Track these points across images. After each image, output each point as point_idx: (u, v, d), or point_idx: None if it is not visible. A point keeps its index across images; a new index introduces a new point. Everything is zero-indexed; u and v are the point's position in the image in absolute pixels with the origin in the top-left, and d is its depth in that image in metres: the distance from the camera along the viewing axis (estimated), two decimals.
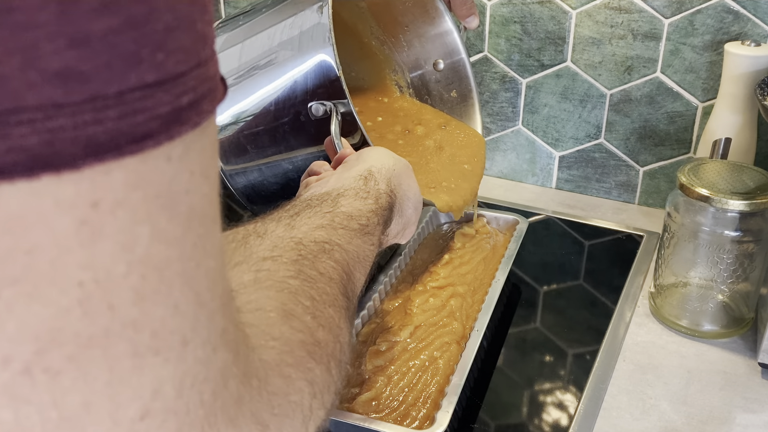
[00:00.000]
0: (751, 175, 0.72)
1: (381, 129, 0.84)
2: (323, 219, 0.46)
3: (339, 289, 0.41)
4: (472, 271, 0.77)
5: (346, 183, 0.53)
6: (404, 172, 0.60)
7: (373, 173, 0.56)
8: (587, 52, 0.97)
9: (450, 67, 0.88)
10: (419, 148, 0.81)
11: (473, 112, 0.88)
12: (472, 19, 0.84)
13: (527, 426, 0.64)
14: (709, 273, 0.73)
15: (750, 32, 0.87)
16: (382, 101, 0.89)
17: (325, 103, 0.65)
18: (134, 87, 0.21)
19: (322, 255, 0.42)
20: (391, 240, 0.59)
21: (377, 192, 0.54)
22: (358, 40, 0.88)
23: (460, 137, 0.84)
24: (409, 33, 0.88)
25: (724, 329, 0.74)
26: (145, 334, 0.23)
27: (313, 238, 0.43)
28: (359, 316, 0.69)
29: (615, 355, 0.72)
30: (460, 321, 0.69)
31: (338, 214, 0.48)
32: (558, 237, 0.96)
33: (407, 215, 0.59)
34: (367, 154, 0.60)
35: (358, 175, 0.55)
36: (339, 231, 0.46)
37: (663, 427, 0.63)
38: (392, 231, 0.58)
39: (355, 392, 0.61)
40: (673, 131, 0.96)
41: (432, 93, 0.90)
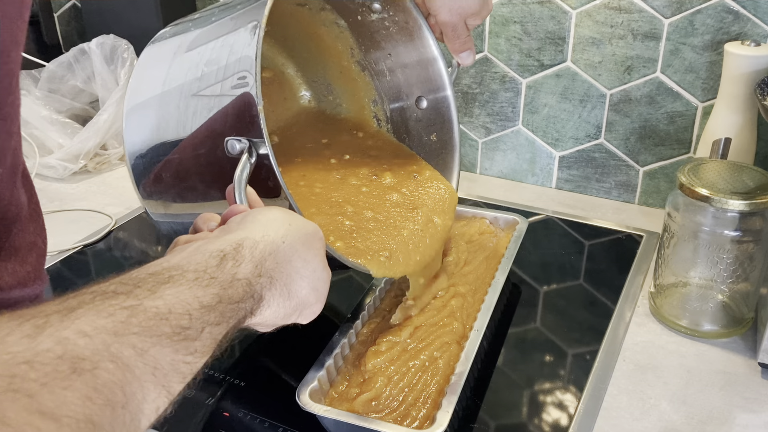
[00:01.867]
0: (751, 175, 0.72)
1: (346, 169, 0.76)
2: (109, 319, 0.33)
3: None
4: (473, 271, 0.77)
5: (194, 260, 0.41)
6: (301, 245, 0.48)
7: (242, 249, 0.43)
8: (587, 52, 0.97)
9: (433, 106, 0.80)
10: (380, 201, 0.73)
11: (451, 161, 0.79)
12: (467, 54, 0.76)
13: (527, 426, 0.64)
14: (709, 273, 0.73)
15: (750, 32, 0.87)
16: (357, 135, 0.82)
17: (242, 140, 0.53)
18: None
19: (68, 378, 0.29)
20: (280, 323, 0.48)
21: (230, 278, 0.41)
22: (337, 61, 0.82)
23: (429, 191, 0.75)
24: (392, 61, 0.80)
25: (724, 329, 0.74)
26: None
27: (66, 350, 0.30)
28: (359, 317, 0.69)
29: (615, 355, 0.72)
30: (461, 321, 0.69)
31: (142, 311, 0.34)
32: (558, 237, 0.96)
33: (300, 297, 0.47)
34: (254, 217, 0.48)
35: (217, 251, 0.42)
36: (129, 338, 0.33)
37: (663, 427, 0.63)
38: (275, 315, 0.46)
39: (356, 392, 0.61)
40: (673, 131, 0.96)
41: (411, 132, 0.82)
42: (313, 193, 0.71)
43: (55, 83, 1.17)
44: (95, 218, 1.01)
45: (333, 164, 0.76)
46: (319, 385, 0.61)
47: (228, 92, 0.57)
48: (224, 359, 0.71)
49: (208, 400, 0.66)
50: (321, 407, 0.58)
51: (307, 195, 0.70)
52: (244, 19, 0.59)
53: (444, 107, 0.79)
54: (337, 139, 0.80)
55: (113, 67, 1.14)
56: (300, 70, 0.84)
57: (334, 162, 0.76)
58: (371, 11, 0.76)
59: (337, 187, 0.73)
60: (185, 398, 0.65)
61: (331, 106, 0.85)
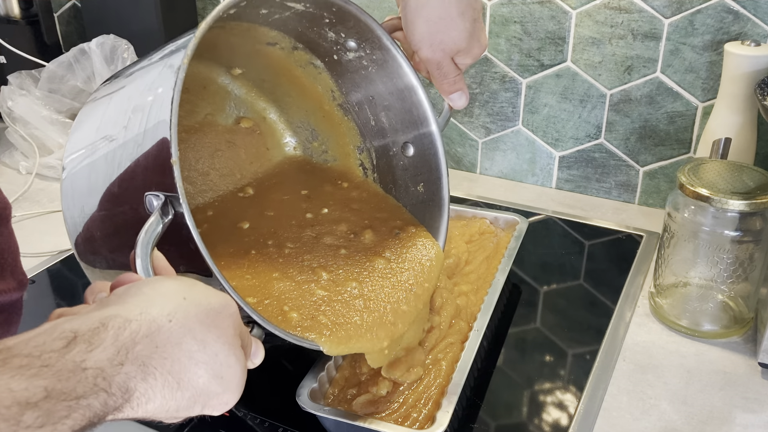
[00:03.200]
0: (751, 175, 0.72)
1: (322, 225, 0.70)
2: None
3: None
4: (474, 271, 0.77)
5: (34, 341, 0.33)
6: (196, 323, 0.40)
7: (103, 330, 0.35)
8: (587, 52, 0.97)
9: (419, 152, 0.73)
10: (359, 267, 0.65)
11: (439, 215, 0.71)
12: (458, 96, 0.69)
13: (527, 426, 0.64)
14: (709, 273, 0.73)
15: (750, 32, 0.87)
16: (341, 186, 0.76)
17: (159, 195, 0.48)
18: None
19: None
20: (183, 415, 0.40)
21: (71, 367, 0.33)
22: (318, 104, 0.76)
23: (412, 252, 0.68)
24: (375, 104, 0.73)
25: (724, 329, 0.74)
26: None
27: None
28: None
29: (615, 355, 0.72)
30: (466, 320, 0.69)
31: None
32: (558, 237, 0.96)
33: (197, 386, 0.39)
34: (138, 289, 0.40)
35: (69, 330, 0.34)
36: None
37: (663, 427, 0.63)
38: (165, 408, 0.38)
39: (353, 393, 0.61)
40: (673, 131, 0.96)
41: (398, 182, 0.75)
42: (281, 255, 0.65)
43: (55, 83, 1.17)
44: None
45: (308, 219, 0.70)
46: (319, 385, 0.61)
47: (147, 143, 0.51)
48: None
49: None
50: (321, 407, 0.58)
51: (273, 256, 0.64)
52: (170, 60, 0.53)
53: (430, 153, 0.72)
54: (318, 190, 0.74)
55: (113, 67, 1.14)
56: (282, 115, 0.78)
57: (310, 217, 0.70)
58: (347, 49, 0.70)
59: (311, 248, 0.66)
60: None
61: (317, 153, 0.79)
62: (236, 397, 0.42)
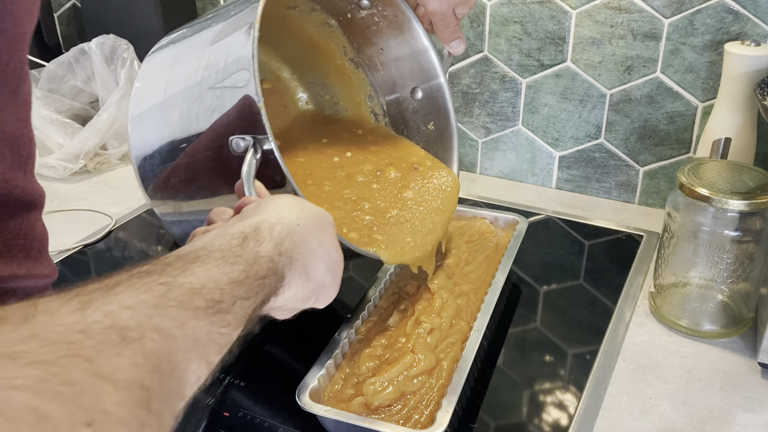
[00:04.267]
0: (751, 175, 0.72)
1: (350, 167, 0.77)
2: (148, 294, 0.35)
3: (129, 396, 0.30)
4: (475, 270, 0.77)
5: (217, 242, 0.43)
6: (315, 227, 0.50)
7: (260, 230, 0.46)
8: (587, 52, 0.97)
9: (428, 95, 0.81)
10: (392, 195, 0.74)
11: (450, 148, 0.81)
12: (457, 43, 0.77)
13: (527, 426, 0.64)
14: (709, 273, 0.73)
15: (750, 32, 0.87)
16: (356, 133, 0.83)
17: (246, 137, 0.56)
18: None
19: (119, 346, 0.31)
20: (300, 306, 0.50)
21: (253, 256, 0.43)
22: (331, 60, 0.83)
23: (432, 181, 0.77)
24: (385, 55, 0.81)
25: (724, 329, 0.74)
26: None
27: (113, 322, 0.32)
28: (359, 317, 0.69)
29: (615, 354, 0.72)
30: (466, 320, 0.69)
31: (177, 286, 0.37)
32: (558, 237, 0.96)
33: (317, 278, 0.49)
34: (268, 204, 0.50)
35: (237, 233, 0.45)
36: (168, 310, 0.35)
37: (663, 427, 0.63)
38: (296, 297, 0.48)
39: (351, 393, 0.61)
40: (673, 131, 0.96)
41: (409, 124, 0.83)
42: (323, 191, 0.72)
43: (55, 83, 1.17)
44: (95, 218, 1.01)
45: (336, 162, 0.77)
46: (319, 385, 0.61)
47: (228, 93, 0.58)
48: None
49: (208, 400, 0.66)
50: (321, 407, 0.58)
51: (317, 193, 0.72)
52: (239, 22, 0.60)
53: (439, 95, 0.80)
54: (337, 137, 0.81)
55: (113, 67, 1.14)
56: (295, 73, 0.85)
57: (337, 160, 0.78)
58: (360, 8, 0.77)
59: (346, 184, 0.74)
60: None
61: (328, 106, 0.86)
62: (337, 291, 0.52)
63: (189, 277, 0.38)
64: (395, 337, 0.65)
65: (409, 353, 0.62)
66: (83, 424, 0.27)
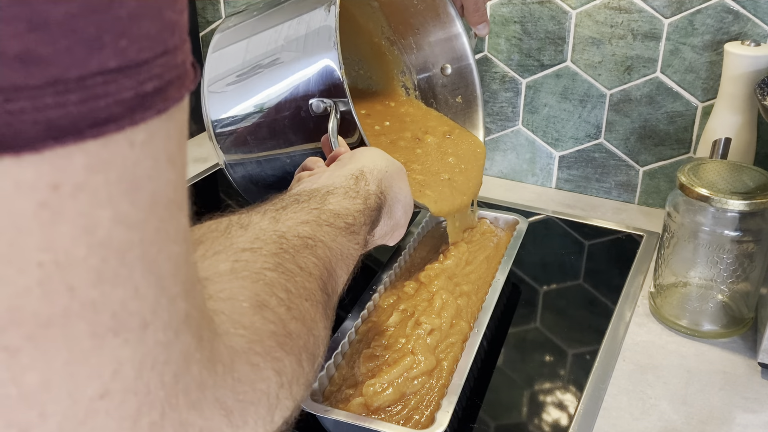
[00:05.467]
0: (751, 175, 0.72)
1: (390, 134, 0.84)
2: (309, 215, 0.46)
3: (318, 285, 0.41)
4: (475, 271, 0.77)
5: (336, 181, 0.54)
6: (396, 175, 0.60)
7: (365, 173, 0.56)
8: (587, 52, 0.97)
9: (457, 72, 0.89)
10: (435, 158, 0.83)
11: (476, 118, 0.89)
12: (483, 26, 0.85)
13: (527, 426, 0.64)
14: (709, 273, 0.73)
15: (750, 32, 0.87)
16: (389, 105, 0.90)
17: (325, 100, 0.66)
18: (96, 72, 0.21)
19: (304, 250, 0.42)
20: (378, 241, 0.60)
21: (366, 192, 0.54)
22: (368, 38, 0.90)
23: (463, 146, 0.85)
24: (419, 35, 0.89)
25: (724, 329, 0.74)
26: (105, 315, 0.23)
27: (297, 232, 0.43)
28: (359, 316, 0.69)
29: (615, 355, 0.72)
30: (466, 320, 0.69)
31: (325, 211, 0.48)
32: (558, 237, 0.96)
33: (396, 217, 0.59)
34: (361, 153, 0.60)
35: (349, 174, 0.55)
36: (324, 228, 0.46)
37: (663, 427, 0.63)
38: (380, 232, 0.58)
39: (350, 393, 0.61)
40: (673, 131, 0.96)
41: (438, 97, 0.91)
42: None
43: None
44: None
45: (378, 130, 0.84)
46: (319, 385, 0.61)
47: (310, 60, 0.68)
48: None
49: None
50: (321, 407, 0.58)
51: None
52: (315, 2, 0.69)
53: (467, 72, 0.89)
54: (373, 109, 0.88)
55: None
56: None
57: (379, 128, 0.85)
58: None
59: (392, 149, 0.80)
60: None
61: (362, 80, 0.92)
62: (404, 232, 0.63)
63: (329, 206, 0.49)
64: (395, 338, 0.65)
65: (409, 354, 0.62)
66: (303, 298, 0.38)
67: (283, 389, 0.34)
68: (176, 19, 0.24)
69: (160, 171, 0.24)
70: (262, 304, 0.35)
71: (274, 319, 0.35)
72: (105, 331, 0.23)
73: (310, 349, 0.37)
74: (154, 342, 0.25)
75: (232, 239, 0.39)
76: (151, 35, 0.22)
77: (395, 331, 0.67)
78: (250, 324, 0.33)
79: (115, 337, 0.23)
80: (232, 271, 0.36)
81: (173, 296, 0.26)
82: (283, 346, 0.35)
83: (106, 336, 0.23)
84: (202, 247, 0.37)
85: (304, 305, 0.38)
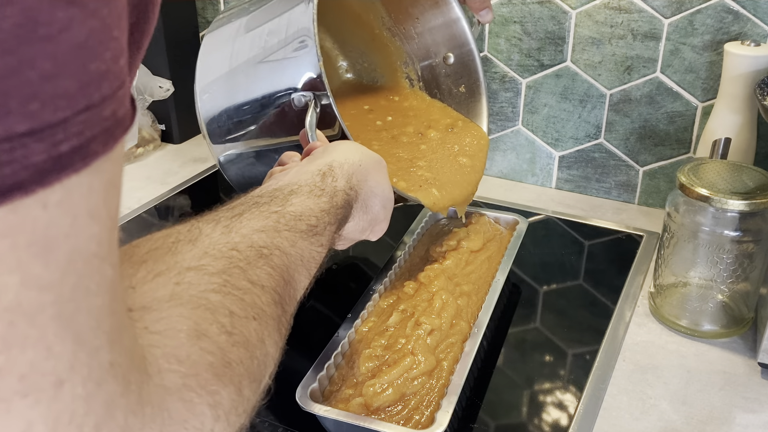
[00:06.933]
0: (750, 175, 0.72)
1: (392, 129, 0.85)
2: (267, 220, 0.44)
3: (271, 298, 0.39)
4: (476, 271, 0.77)
5: (302, 178, 0.52)
6: (372, 168, 0.59)
7: (333, 168, 0.54)
8: (587, 52, 0.97)
9: (459, 60, 0.89)
10: (438, 153, 0.83)
11: (480, 108, 0.89)
12: (486, 12, 0.84)
13: (527, 426, 0.64)
14: (708, 273, 0.73)
15: (750, 32, 0.87)
16: (393, 100, 0.91)
17: (306, 94, 0.66)
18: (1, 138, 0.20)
19: (258, 261, 0.40)
20: (357, 237, 0.59)
21: (333, 189, 0.52)
22: (369, 30, 0.90)
23: (466, 139, 0.85)
24: (420, 24, 0.89)
25: (724, 329, 0.74)
26: (11, 379, 0.22)
27: (251, 242, 0.41)
28: (359, 316, 0.69)
29: (615, 355, 0.72)
30: (466, 320, 0.69)
31: (285, 214, 0.46)
32: (558, 237, 0.96)
33: (374, 212, 0.58)
34: (334, 147, 0.59)
35: (316, 170, 0.53)
36: (283, 233, 0.44)
37: (663, 427, 0.63)
38: (355, 228, 0.57)
39: (349, 393, 0.61)
40: (673, 131, 0.96)
41: (441, 87, 0.91)
42: (372, 150, 0.78)
43: None
44: None
45: (380, 125, 0.85)
46: (319, 385, 0.61)
47: (290, 56, 0.69)
48: None
49: None
50: (321, 407, 0.58)
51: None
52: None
53: (469, 59, 0.89)
54: (377, 104, 0.89)
55: None
56: (336, 42, 0.93)
57: (380, 123, 0.85)
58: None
59: (394, 144, 0.82)
60: None
61: (366, 73, 0.94)
62: (387, 226, 0.61)
63: (291, 207, 0.47)
64: (395, 338, 0.65)
65: (409, 355, 0.62)
66: (251, 318, 0.37)
67: (219, 422, 0.33)
68: (106, 68, 0.22)
69: (80, 227, 0.23)
70: (201, 334, 0.33)
71: (212, 349, 0.33)
72: (11, 394, 0.22)
73: (253, 374, 0.36)
74: (71, 397, 0.24)
75: (178, 256, 0.37)
76: (71, 93, 0.21)
77: (395, 332, 0.67)
78: (186, 357, 0.32)
79: (22, 399, 0.23)
80: (173, 296, 0.34)
81: (95, 349, 0.25)
82: (221, 377, 0.33)
83: (13, 399, 0.22)
84: (145, 267, 0.35)
85: (250, 326, 0.36)
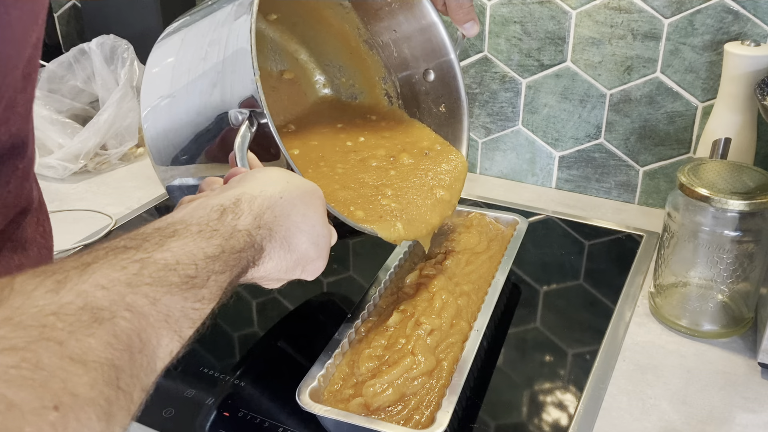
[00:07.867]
0: (750, 175, 0.72)
1: (362, 151, 0.79)
2: (122, 272, 0.35)
3: (101, 377, 0.31)
4: (476, 271, 0.77)
5: (195, 215, 0.44)
6: (299, 200, 0.50)
7: (240, 203, 0.46)
8: (587, 52, 0.97)
9: (440, 78, 0.83)
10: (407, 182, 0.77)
11: (460, 130, 0.83)
12: (471, 25, 0.78)
13: (527, 426, 0.64)
14: (708, 273, 0.73)
15: (750, 32, 0.87)
16: (370, 119, 0.85)
17: (243, 111, 0.58)
18: None
19: (88, 329, 0.31)
20: (286, 278, 0.51)
21: (231, 229, 0.43)
22: (346, 43, 0.86)
23: (442, 165, 0.80)
24: (397, 36, 0.84)
25: (724, 329, 0.74)
26: None
27: (86, 302, 0.32)
28: (359, 316, 0.69)
29: (615, 355, 0.72)
30: (466, 320, 0.69)
31: (152, 262, 0.37)
32: (558, 237, 0.96)
33: (300, 251, 0.49)
34: (252, 176, 0.51)
35: (217, 205, 0.45)
36: (142, 288, 0.35)
37: (663, 427, 0.63)
38: (277, 268, 0.49)
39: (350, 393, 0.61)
40: (673, 131, 0.96)
41: (421, 106, 0.86)
42: (335, 173, 0.74)
43: (55, 83, 1.17)
44: (95, 218, 1.01)
45: (350, 146, 0.80)
46: (319, 385, 0.61)
47: (227, 69, 0.60)
48: (224, 359, 0.71)
49: (208, 400, 0.66)
50: (321, 407, 0.58)
51: (329, 174, 0.74)
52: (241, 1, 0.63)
53: (450, 77, 0.83)
54: (351, 123, 0.85)
55: (113, 67, 1.14)
56: (312, 55, 0.88)
57: (351, 144, 0.81)
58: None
59: (361, 168, 0.77)
60: (186, 398, 0.66)
61: (345, 89, 0.89)
62: (324, 264, 0.52)
63: (165, 253, 0.38)
64: (395, 338, 0.65)
65: (410, 355, 0.62)
66: (50, 408, 0.28)
67: None
68: None
69: None
70: None
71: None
72: None
73: None
74: None
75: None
76: None
77: (395, 332, 0.67)
78: None
79: None
80: None
81: None
82: None
83: None
84: None
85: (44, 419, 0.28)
